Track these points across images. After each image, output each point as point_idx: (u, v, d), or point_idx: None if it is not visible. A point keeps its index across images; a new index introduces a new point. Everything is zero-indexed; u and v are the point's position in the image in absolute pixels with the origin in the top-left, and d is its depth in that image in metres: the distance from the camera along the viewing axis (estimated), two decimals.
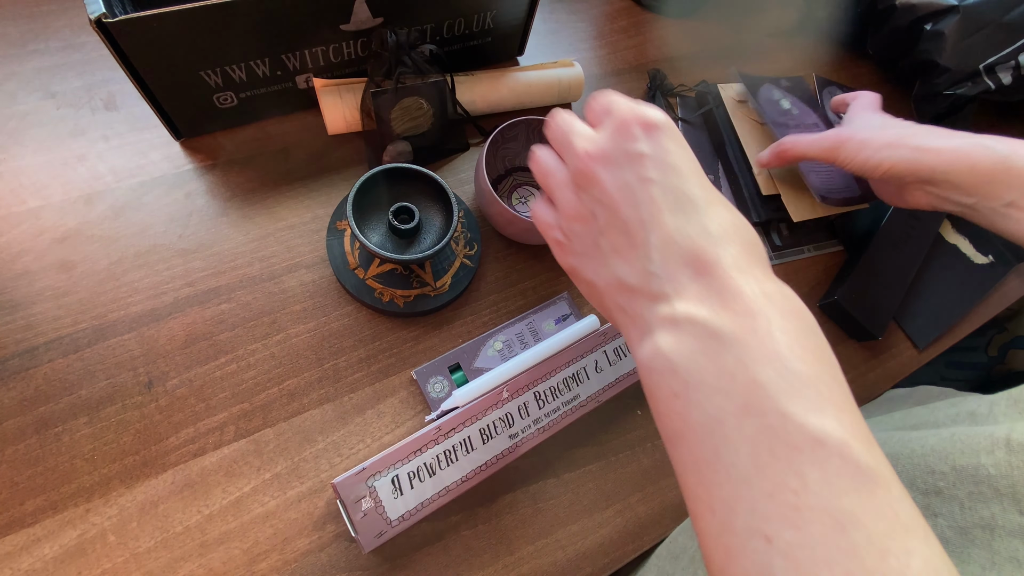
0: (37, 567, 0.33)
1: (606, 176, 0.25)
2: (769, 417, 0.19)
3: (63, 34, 0.49)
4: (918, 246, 0.56)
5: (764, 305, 0.21)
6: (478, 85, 0.52)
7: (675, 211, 0.24)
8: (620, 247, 0.25)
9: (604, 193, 0.25)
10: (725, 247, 0.23)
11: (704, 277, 0.22)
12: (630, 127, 0.25)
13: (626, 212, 0.24)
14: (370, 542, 0.34)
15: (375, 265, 0.45)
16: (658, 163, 0.24)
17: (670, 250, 0.23)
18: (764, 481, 0.19)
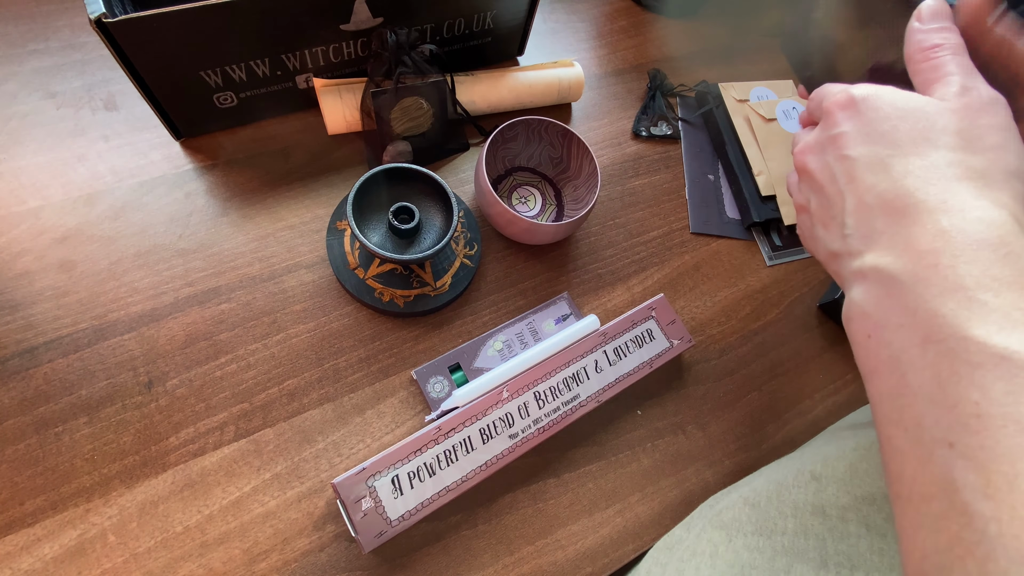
0: (37, 567, 0.33)
1: (813, 163, 0.28)
2: (949, 342, 0.20)
3: (63, 34, 0.49)
4: None
5: (951, 239, 0.21)
6: (478, 85, 0.52)
7: (872, 171, 0.24)
8: (826, 221, 0.27)
9: (812, 180, 0.28)
10: (922, 183, 0.23)
11: (896, 221, 0.23)
12: (832, 113, 0.27)
13: (828, 189, 0.26)
14: (370, 542, 0.34)
15: (375, 265, 0.45)
16: (858, 136, 0.25)
17: (862, 209, 0.24)
18: (946, 397, 0.20)
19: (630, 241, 0.53)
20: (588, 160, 0.49)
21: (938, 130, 0.24)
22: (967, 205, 0.22)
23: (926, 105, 0.25)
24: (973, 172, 0.23)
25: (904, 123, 0.25)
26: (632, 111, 0.60)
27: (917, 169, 0.23)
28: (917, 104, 0.25)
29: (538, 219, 0.51)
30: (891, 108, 0.25)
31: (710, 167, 0.59)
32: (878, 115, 0.25)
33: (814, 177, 0.27)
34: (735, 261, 0.55)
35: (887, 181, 0.24)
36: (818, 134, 0.28)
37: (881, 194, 0.24)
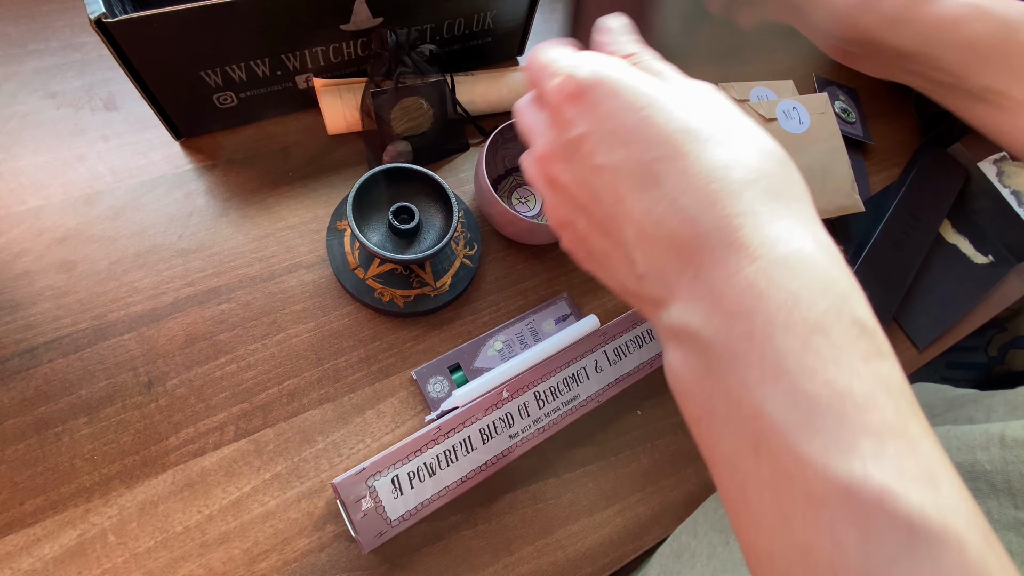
0: (37, 567, 0.33)
1: (565, 176, 0.22)
2: (783, 459, 0.16)
3: (63, 34, 0.49)
4: (918, 246, 0.56)
5: (760, 293, 0.16)
6: (478, 85, 0.52)
7: (638, 190, 0.19)
8: (607, 251, 0.22)
9: (568, 194, 0.22)
10: (706, 211, 0.17)
11: (689, 267, 0.18)
12: (560, 109, 0.21)
13: (594, 209, 0.21)
14: (370, 542, 0.34)
15: (375, 265, 0.45)
16: (600, 139, 0.20)
17: (646, 242, 0.19)
18: (794, 536, 0.15)
19: None
20: None
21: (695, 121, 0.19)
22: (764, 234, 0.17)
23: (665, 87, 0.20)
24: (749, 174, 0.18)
25: (654, 112, 0.19)
26: None
27: (691, 181, 0.18)
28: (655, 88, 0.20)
29: (538, 219, 0.51)
30: (631, 93, 0.20)
31: None
32: (618, 104, 0.20)
33: (572, 193, 0.22)
34: None
35: (663, 203, 0.18)
36: (554, 135, 0.22)
37: (661, 222, 0.18)
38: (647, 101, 0.19)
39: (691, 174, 0.18)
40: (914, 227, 0.57)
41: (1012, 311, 0.78)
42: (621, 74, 0.20)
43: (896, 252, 0.55)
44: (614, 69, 0.20)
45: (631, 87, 0.20)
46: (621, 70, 0.21)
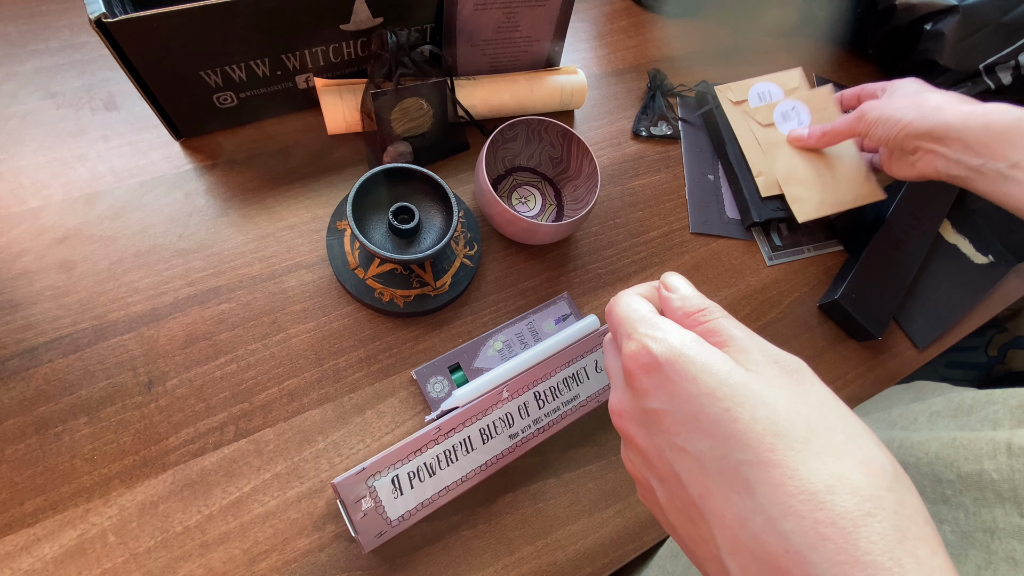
0: (37, 567, 0.33)
1: (639, 438, 0.21)
2: None
3: (63, 34, 0.49)
4: (918, 246, 0.56)
5: None
6: (479, 89, 0.52)
7: (727, 491, 0.18)
8: (692, 535, 0.20)
9: (646, 459, 0.21)
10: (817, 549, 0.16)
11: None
12: (635, 378, 0.21)
13: (676, 489, 0.20)
14: (370, 542, 0.34)
15: (375, 265, 0.45)
16: (680, 421, 0.19)
17: (744, 557, 0.17)
18: None
19: (630, 241, 0.53)
20: (588, 160, 0.49)
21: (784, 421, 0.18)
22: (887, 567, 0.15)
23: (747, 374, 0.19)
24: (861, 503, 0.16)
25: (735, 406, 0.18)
26: (632, 111, 0.60)
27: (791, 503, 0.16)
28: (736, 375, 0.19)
29: (538, 219, 0.51)
30: (711, 380, 0.19)
31: (710, 167, 0.59)
32: (697, 390, 0.19)
33: (650, 460, 0.21)
34: (735, 261, 0.55)
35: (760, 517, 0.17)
36: (628, 400, 0.22)
37: (760, 540, 0.17)
38: (728, 391, 0.19)
39: (788, 492, 0.17)
40: (914, 227, 0.57)
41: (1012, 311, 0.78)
42: (699, 355, 0.20)
43: (896, 252, 0.55)
44: (692, 348, 0.20)
45: (711, 372, 0.19)
46: (699, 350, 0.20)
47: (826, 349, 0.53)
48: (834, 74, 0.70)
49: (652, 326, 0.22)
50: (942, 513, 0.31)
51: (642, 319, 0.22)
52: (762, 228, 0.57)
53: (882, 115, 0.47)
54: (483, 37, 0.51)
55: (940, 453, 0.32)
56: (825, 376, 0.52)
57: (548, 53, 0.55)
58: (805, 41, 0.71)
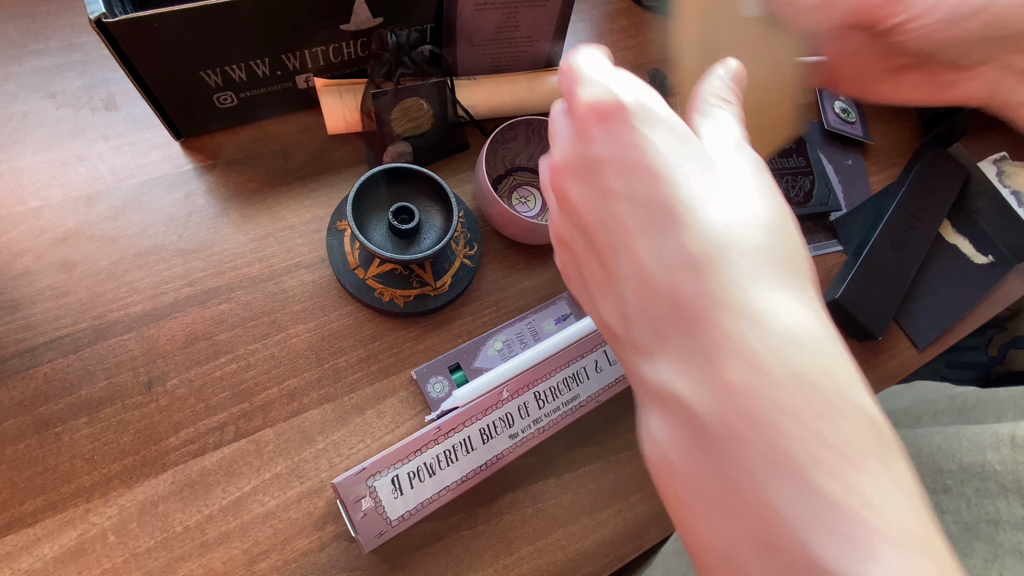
0: (37, 567, 0.33)
1: (573, 192, 0.21)
2: (794, 562, 0.14)
3: (63, 34, 0.49)
4: (918, 246, 0.56)
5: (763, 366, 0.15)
6: (479, 89, 0.52)
7: (647, 230, 0.18)
8: (598, 279, 0.20)
9: (575, 213, 0.21)
10: (716, 272, 0.16)
11: (686, 327, 0.17)
12: (586, 125, 0.20)
13: (597, 235, 0.20)
14: (370, 542, 0.34)
15: (375, 265, 0.45)
16: (620, 167, 0.19)
17: (644, 286, 0.18)
18: None
19: None
20: None
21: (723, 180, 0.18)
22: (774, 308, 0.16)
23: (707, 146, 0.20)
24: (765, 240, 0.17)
25: (685, 159, 0.18)
26: None
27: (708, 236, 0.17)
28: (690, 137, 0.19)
29: (538, 219, 0.51)
30: (667, 130, 0.19)
31: None
32: (651, 138, 0.19)
33: (576, 211, 0.21)
34: None
35: (672, 246, 0.17)
36: (571, 150, 0.21)
37: (669, 269, 0.17)
38: (681, 146, 0.19)
39: (708, 229, 0.17)
40: (914, 227, 0.57)
41: (1012, 311, 0.78)
42: (663, 110, 0.19)
43: (896, 252, 0.55)
44: (657, 102, 0.20)
45: (671, 126, 0.19)
46: (663, 106, 0.20)
47: None
48: None
49: (618, 75, 0.21)
50: (943, 503, 0.31)
51: (606, 68, 0.21)
52: None
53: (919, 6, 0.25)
54: (483, 37, 0.51)
55: (942, 444, 0.32)
56: None
57: (548, 53, 0.55)
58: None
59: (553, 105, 0.25)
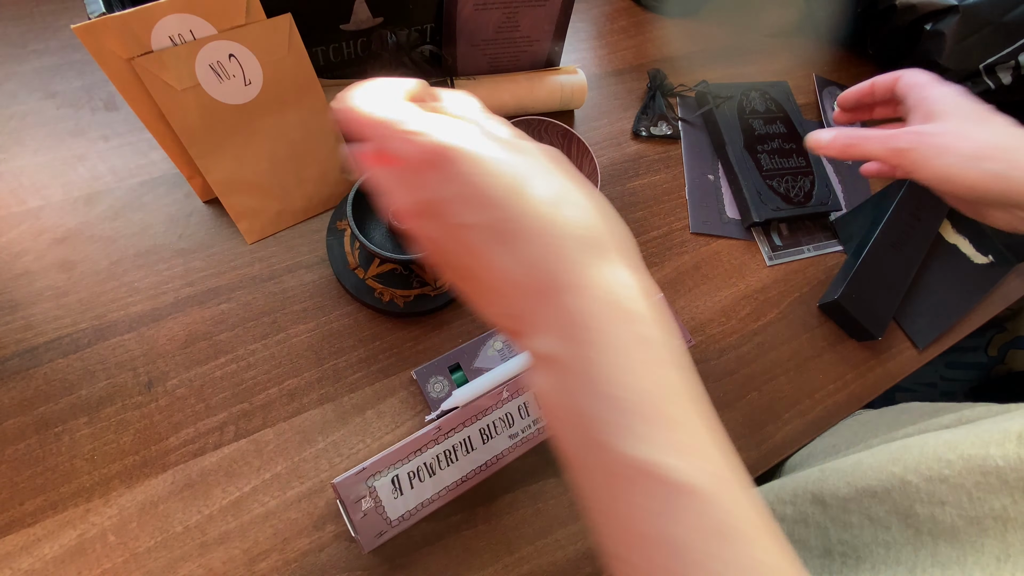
0: (37, 567, 0.33)
1: (427, 229, 0.23)
2: (596, 450, 0.20)
3: (63, 34, 0.49)
4: (918, 246, 0.56)
5: (589, 321, 0.20)
6: (479, 89, 0.52)
7: (502, 247, 0.21)
8: (480, 292, 0.24)
9: (436, 246, 0.24)
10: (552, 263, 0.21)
11: (544, 306, 0.21)
12: (419, 172, 0.22)
13: (463, 259, 0.23)
14: (370, 542, 0.34)
15: (375, 265, 0.45)
16: (462, 203, 0.22)
17: (516, 289, 0.22)
18: (604, 507, 0.21)
19: None
20: (588, 160, 0.49)
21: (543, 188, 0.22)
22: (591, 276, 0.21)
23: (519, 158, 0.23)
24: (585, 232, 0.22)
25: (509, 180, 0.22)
26: (632, 111, 0.60)
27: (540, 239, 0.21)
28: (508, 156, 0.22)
29: None
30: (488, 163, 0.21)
31: (710, 167, 0.59)
32: (477, 171, 0.21)
33: (439, 245, 0.24)
34: (735, 261, 0.55)
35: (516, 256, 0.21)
36: (412, 195, 0.23)
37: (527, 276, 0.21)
38: (503, 169, 0.22)
39: (539, 233, 0.21)
40: (914, 227, 0.57)
41: (1012, 311, 0.78)
42: (479, 145, 0.22)
43: (896, 252, 0.55)
44: (471, 138, 0.22)
45: (489, 157, 0.22)
46: (478, 139, 0.22)
47: (826, 349, 0.53)
48: (834, 74, 0.70)
49: (426, 120, 0.22)
50: (941, 492, 0.31)
51: (411, 114, 0.23)
52: (762, 228, 0.57)
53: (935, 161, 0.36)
54: (483, 37, 0.51)
55: (949, 439, 0.33)
56: (825, 376, 0.52)
57: (548, 53, 0.55)
58: (805, 41, 0.72)
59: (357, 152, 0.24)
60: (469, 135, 0.22)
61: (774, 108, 0.62)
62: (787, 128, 0.62)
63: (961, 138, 0.36)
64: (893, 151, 0.38)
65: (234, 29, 0.38)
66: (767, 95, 0.63)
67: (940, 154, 0.36)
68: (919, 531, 0.32)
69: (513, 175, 0.22)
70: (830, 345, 0.53)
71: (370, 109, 0.23)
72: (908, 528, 0.33)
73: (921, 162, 0.37)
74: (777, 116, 0.62)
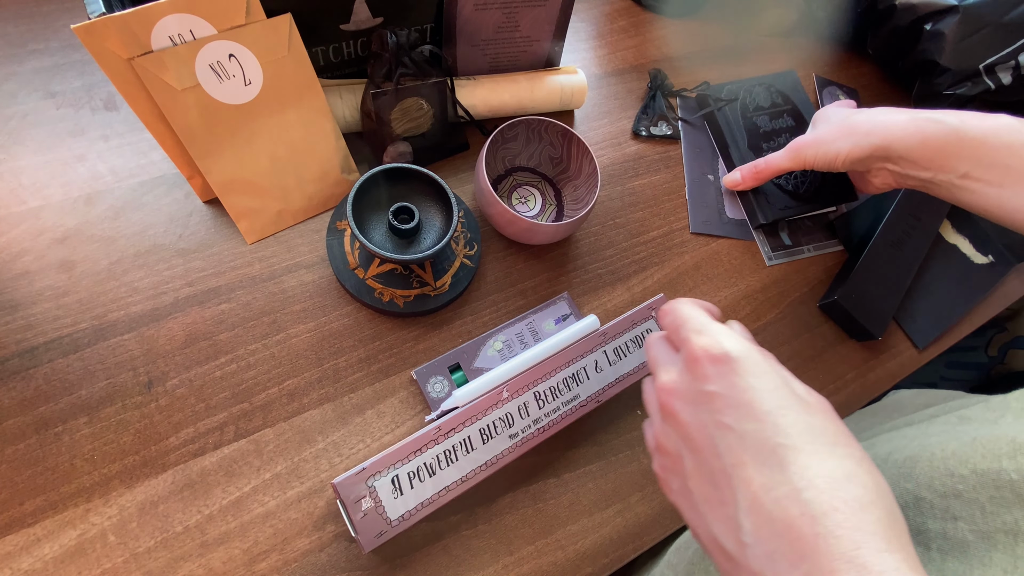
0: (37, 567, 0.33)
1: (684, 414, 0.25)
2: None
3: (63, 34, 0.49)
4: (918, 246, 0.56)
5: None
6: (479, 89, 0.52)
7: (760, 464, 0.22)
8: (710, 499, 0.24)
9: (685, 433, 0.25)
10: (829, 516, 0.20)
11: (803, 562, 0.19)
12: (700, 363, 0.25)
13: (709, 459, 0.23)
14: (370, 542, 0.34)
15: (375, 265, 0.45)
16: (732, 404, 0.23)
17: (761, 517, 0.21)
18: None
19: (630, 241, 0.53)
20: (588, 160, 0.49)
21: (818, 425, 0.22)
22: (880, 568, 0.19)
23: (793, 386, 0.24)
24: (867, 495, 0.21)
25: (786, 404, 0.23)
26: (632, 111, 0.60)
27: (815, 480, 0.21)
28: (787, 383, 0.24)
29: (538, 219, 0.51)
30: (768, 380, 0.23)
31: (710, 167, 0.59)
32: (755, 385, 0.23)
33: (687, 432, 0.25)
34: (735, 261, 0.55)
35: (786, 487, 0.21)
36: (686, 380, 0.25)
37: (781, 504, 0.21)
38: (783, 393, 0.23)
39: (815, 473, 0.21)
40: (914, 227, 0.57)
41: (1012, 311, 0.78)
42: (763, 362, 0.24)
43: (896, 252, 0.55)
44: (757, 355, 0.25)
45: (772, 375, 0.24)
46: (762, 357, 0.25)
47: (826, 349, 0.53)
48: (834, 74, 0.70)
49: (720, 329, 0.26)
50: (953, 508, 0.31)
51: (709, 321, 0.27)
52: (769, 228, 0.57)
53: (818, 151, 0.48)
54: (483, 37, 0.51)
55: (957, 451, 0.32)
56: (825, 376, 0.52)
57: (548, 53, 0.55)
58: (805, 41, 0.72)
59: (649, 337, 0.31)
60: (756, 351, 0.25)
61: (780, 101, 0.62)
62: (795, 120, 0.61)
63: (824, 128, 0.49)
64: (792, 158, 0.50)
65: (234, 29, 0.38)
66: (773, 88, 0.62)
67: (818, 146, 0.48)
68: (928, 548, 0.32)
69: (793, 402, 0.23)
70: (830, 345, 0.53)
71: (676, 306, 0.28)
72: (918, 546, 0.33)
73: (812, 156, 0.49)
74: (784, 109, 0.61)
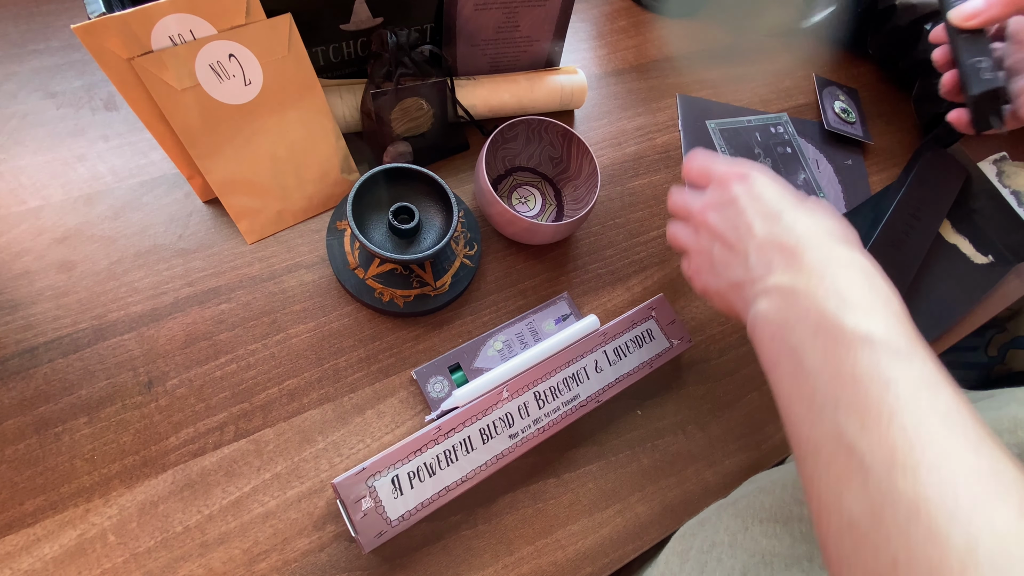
0: (37, 567, 0.33)
1: (714, 218, 0.36)
2: (832, 330, 0.27)
3: (63, 34, 0.49)
4: (918, 246, 0.56)
5: (831, 264, 0.29)
6: (479, 89, 0.52)
7: (764, 222, 0.32)
8: (729, 261, 0.34)
9: (714, 230, 0.35)
10: (805, 235, 0.31)
11: (788, 257, 0.30)
12: (727, 181, 0.36)
13: (730, 236, 0.34)
14: (370, 542, 0.34)
15: (375, 265, 0.45)
16: (748, 196, 0.34)
17: (762, 248, 0.32)
18: (831, 368, 0.26)
19: (630, 241, 0.53)
20: (588, 160, 0.49)
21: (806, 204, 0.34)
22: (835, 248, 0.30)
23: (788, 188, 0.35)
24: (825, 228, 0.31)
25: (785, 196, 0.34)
26: (632, 111, 0.60)
27: (800, 221, 0.32)
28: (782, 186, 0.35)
29: (538, 219, 0.51)
30: (774, 186, 0.34)
31: None
32: (766, 187, 0.34)
33: (715, 229, 0.35)
34: None
35: (780, 227, 0.32)
36: (715, 196, 0.36)
37: (777, 237, 0.32)
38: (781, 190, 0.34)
39: (800, 220, 0.32)
40: (914, 227, 0.57)
41: (1012, 311, 0.78)
42: (769, 176, 0.35)
43: (896, 252, 0.55)
44: (764, 172, 0.36)
45: (774, 182, 0.35)
46: (768, 174, 0.36)
47: None
48: (834, 74, 0.70)
49: (732, 160, 0.37)
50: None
51: (722, 159, 0.38)
52: None
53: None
54: (483, 37, 0.51)
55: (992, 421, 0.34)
56: None
57: (548, 53, 0.55)
58: (805, 41, 0.71)
59: (673, 189, 0.41)
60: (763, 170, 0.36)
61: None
62: None
63: None
64: None
65: (234, 29, 0.38)
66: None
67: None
68: None
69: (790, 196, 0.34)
70: None
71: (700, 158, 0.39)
72: None
73: None
74: None
